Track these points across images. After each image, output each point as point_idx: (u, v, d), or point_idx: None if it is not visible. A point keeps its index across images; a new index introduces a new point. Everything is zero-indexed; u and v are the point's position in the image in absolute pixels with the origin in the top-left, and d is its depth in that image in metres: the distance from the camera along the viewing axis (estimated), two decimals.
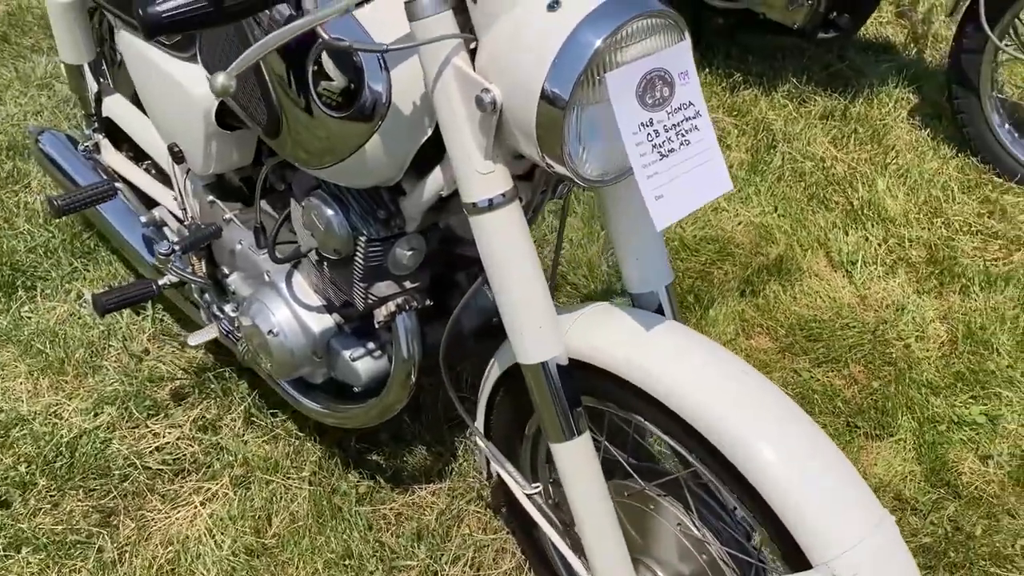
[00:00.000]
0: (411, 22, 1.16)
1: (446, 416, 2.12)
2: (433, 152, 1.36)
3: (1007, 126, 2.91)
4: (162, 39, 1.74)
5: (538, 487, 1.57)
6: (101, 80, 2.20)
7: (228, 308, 1.94)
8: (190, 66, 1.73)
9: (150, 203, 2.22)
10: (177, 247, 1.81)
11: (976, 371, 2.29)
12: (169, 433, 2.11)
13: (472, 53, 1.17)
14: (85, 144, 2.31)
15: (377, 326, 1.63)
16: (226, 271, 1.91)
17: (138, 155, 2.30)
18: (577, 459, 1.33)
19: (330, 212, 1.52)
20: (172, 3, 1.06)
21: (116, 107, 2.19)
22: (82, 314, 2.39)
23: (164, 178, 2.18)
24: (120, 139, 2.30)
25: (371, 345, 1.73)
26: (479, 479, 2.01)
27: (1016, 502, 2.00)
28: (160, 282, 1.95)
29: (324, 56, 1.32)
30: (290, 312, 1.74)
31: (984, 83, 2.85)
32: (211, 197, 1.91)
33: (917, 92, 3.30)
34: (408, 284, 1.60)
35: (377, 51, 1.21)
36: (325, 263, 1.62)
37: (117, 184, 2.15)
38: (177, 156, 1.85)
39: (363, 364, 1.72)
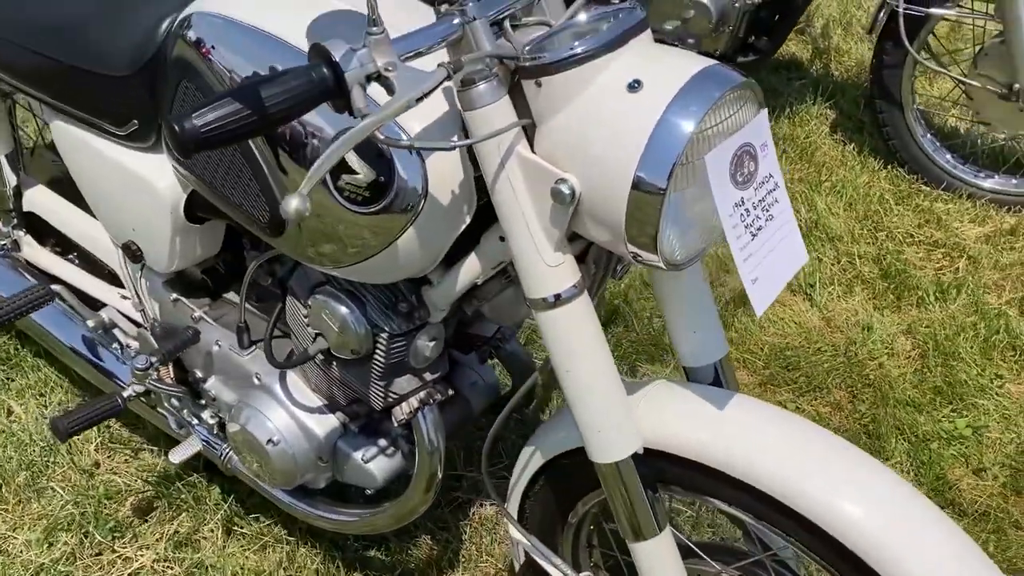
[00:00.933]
0: (465, 111, 1.06)
1: (446, 499, 1.99)
2: (462, 238, 1.26)
3: (929, 136, 3.00)
4: (114, 129, 1.56)
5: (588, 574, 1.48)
6: (20, 172, 1.98)
7: (206, 415, 1.76)
8: (149, 156, 1.56)
9: (89, 301, 2.01)
10: (154, 359, 1.63)
11: (951, 383, 2.33)
12: (141, 555, 1.90)
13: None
14: (2, 244, 2.07)
15: (396, 424, 1.50)
16: (200, 375, 1.74)
17: (65, 249, 2.08)
18: (662, 556, 1.25)
19: (344, 310, 1.38)
20: (212, 116, 0.92)
21: (42, 200, 1.97)
22: (15, 431, 2.14)
23: (104, 273, 1.98)
24: (44, 234, 2.08)
25: (382, 442, 1.59)
26: (493, 563, 1.90)
27: (1020, 513, 2.03)
28: (125, 394, 1.75)
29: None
30: (289, 416, 1.59)
31: (905, 96, 2.93)
32: (174, 295, 1.73)
33: (834, 107, 3.37)
34: (428, 376, 1.48)
35: (446, 148, 1.09)
36: (334, 363, 1.48)
37: (54, 287, 1.93)
38: (134, 255, 1.67)
39: (377, 464, 1.58)
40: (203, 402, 1.77)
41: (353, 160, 1.19)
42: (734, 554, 1.40)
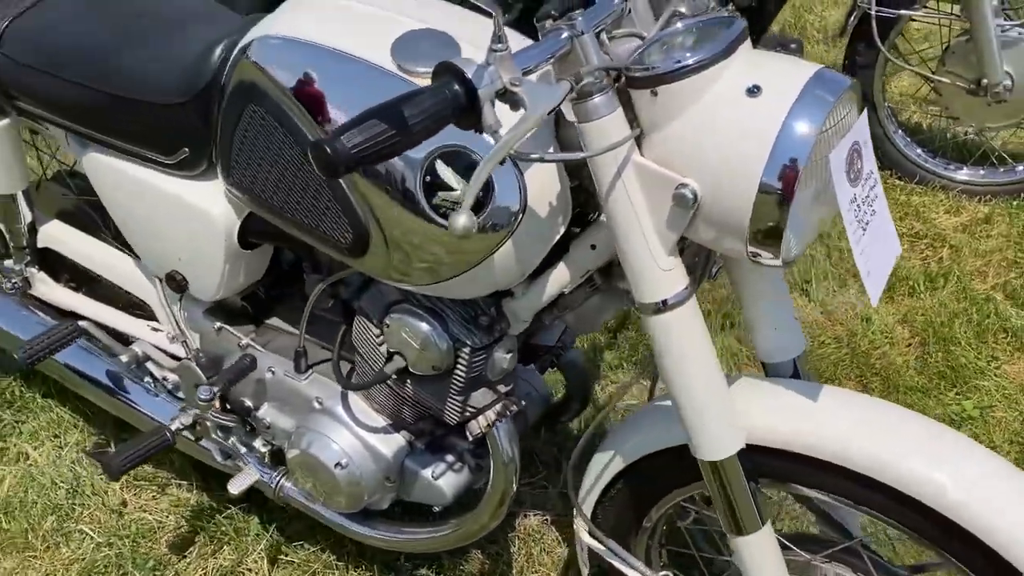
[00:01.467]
0: (581, 123, 1.07)
1: None
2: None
3: (900, 132, 3.11)
4: (161, 157, 1.54)
5: (668, 574, 1.50)
6: (34, 208, 1.92)
7: (257, 444, 1.73)
8: (199, 184, 1.54)
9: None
10: (216, 388, 1.60)
11: (952, 367, 2.42)
12: None
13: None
14: (13, 282, 2.01)
15: (471, 438, 1.51)
16: (250, 403, 1.71)
17: (79, 285, 2.03)
18: (765, 549, 1.28)
19: (426, 327, 1.38)
20: (361, 137, 0.92)
21: (59, 235, 1.92)
22: (34, 475, 2.07)
23: (128, 307, 1.93)
24: (57, 271, 2.02)
25: (450, 458, 1.60)
26: (544, 572, 1.91)
27: None
28: (173, 427, 1.72)
29: (439, 164, 1.20)
30: (355, 438, 1.58)
31: (877, 95, 3.03)
32: (218, 323, 1.71)
33: None
34: (501, 388, 1.49)
35: (576, 160, 1.10)
36: (408, 381, 1.48)
37: (81, 323, 1.88)
38: (178, 284, 1.64)
39: (446, 481, 1.58)
40: (253, 431, 1.74)
41: (450, 177, 1.20)
42: (817, 542, 1.43)
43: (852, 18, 2.91)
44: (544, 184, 1.20)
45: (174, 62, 1.49)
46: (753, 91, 1.02)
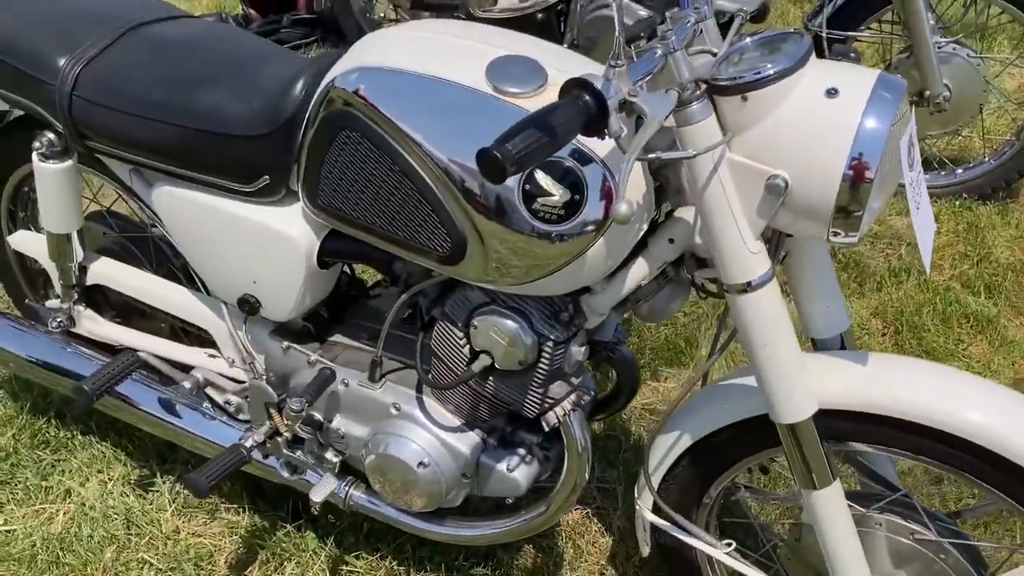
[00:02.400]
0: (680, 128, 1.23)
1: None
2: None
3: None
4: (241, 186, 1.64)
5: (731, 543, 1.65)
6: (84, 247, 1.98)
7: (329, 455, 1.82)
8: (278, 209, 1.65)
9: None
10: (305, 400, 1.69)
11: (927, 351, 2.65)
12: None
13: None
14: (58, 321, 2.06)
15: (546, 428, 1.64)
16: (320, 416, 1.80)
17: (124, 320, 2.10)
18: (834, 503, 1.44)
19: (513, 325, 1.51)
20: (523, 143, 1.06)
21: (110, 271, 1.98)
22: (85, 510, 2.10)
23: (178, 336, 2.01)
24: (102, 307, 2.08)
25: (521, 451, 1.71)
26: (594, 561, 2.03)
27: None
28: (247, 444, 1.80)
29: (539, 173, 1.34)
30: (434, 439, 1.69)
31: None
32: (285, 343, 1.80)
33: None
34: (574, 380, 1.62)
35: (688, 157, 1.24)
36: (491, 378, 1.60)
37: (140, 352, 1.94)
38: (252, 307, 1.74)
39: (521, 473, 1.70)
40: (322, 443, 1.83)
41: (546, 181, 1.34)
42: (866, 497, 1.60)
43: None
44: (631, 185, 1.35)
45: (253, 97, 1.60)
46: (831, 93, 1.20)
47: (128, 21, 1.76)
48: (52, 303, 2.08)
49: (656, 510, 1.67)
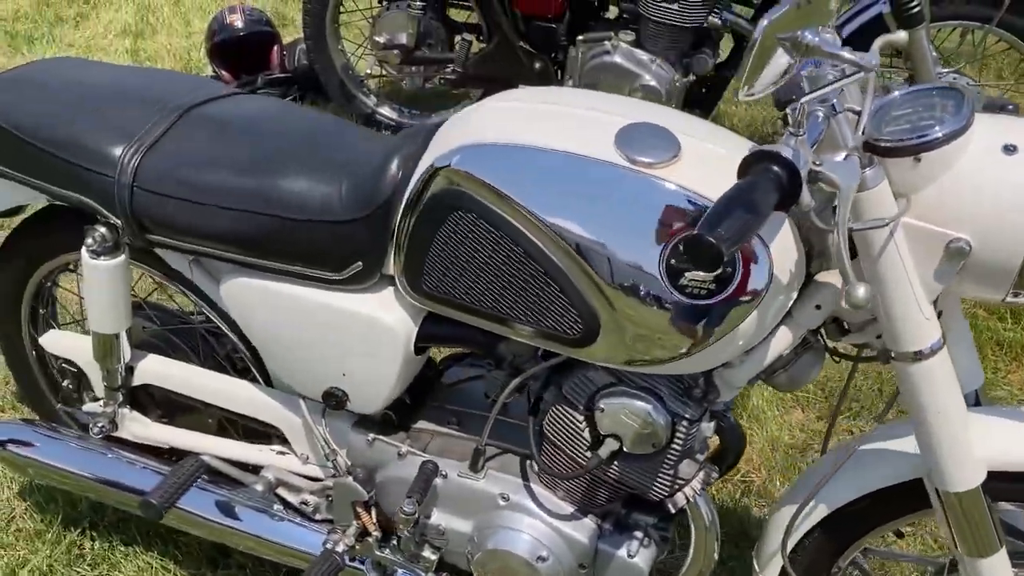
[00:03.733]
0: (858, 192, 1.16)
1: None
2: None
3: None
4: (329, 274, 1.52)
5: None
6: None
7: (426, 553, 1.70)
8: (370, 296, 1.54)
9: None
10: (415, 500, 1.56)
11: None
12: None
13: None
14: (100, 426, 1.89)
15: (673, 510, 1.55)
16: (409, 511, 1.67)
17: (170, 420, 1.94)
18: (1001, 571, 1.38)
19: (646, 406, 1.42)
20: (735, 225, 0.99)
21: (162, 369, 1.83)
22: None
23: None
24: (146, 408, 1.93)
25: (638, 534, 1.61)
26: None
27: None
28: (339, 549, 1.66)
29: (684, 245, 1.26)
30: (550, 529, 1.58)
31: None
32: (371, 435, 1.68)
33: None
34: (699, 457, 1.54)
35: (880, 226, 1.17)
36: (615, 462, 1.50)
37: (203, 456, 1.79)
38: (339, 400, 1.61)
39: (643, 557, 1.60)
40: (420, 540, 1.71)
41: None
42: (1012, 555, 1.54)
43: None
44: (785, 253, 1.28)
45: (339, 179, 1.49)
46: (1010, 149, 1.15)
47: (179, 104, 1.63)
48: (91, 407, 1.92)
49: None
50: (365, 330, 1.53)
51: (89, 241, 1.63)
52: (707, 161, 1.31)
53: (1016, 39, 3.09)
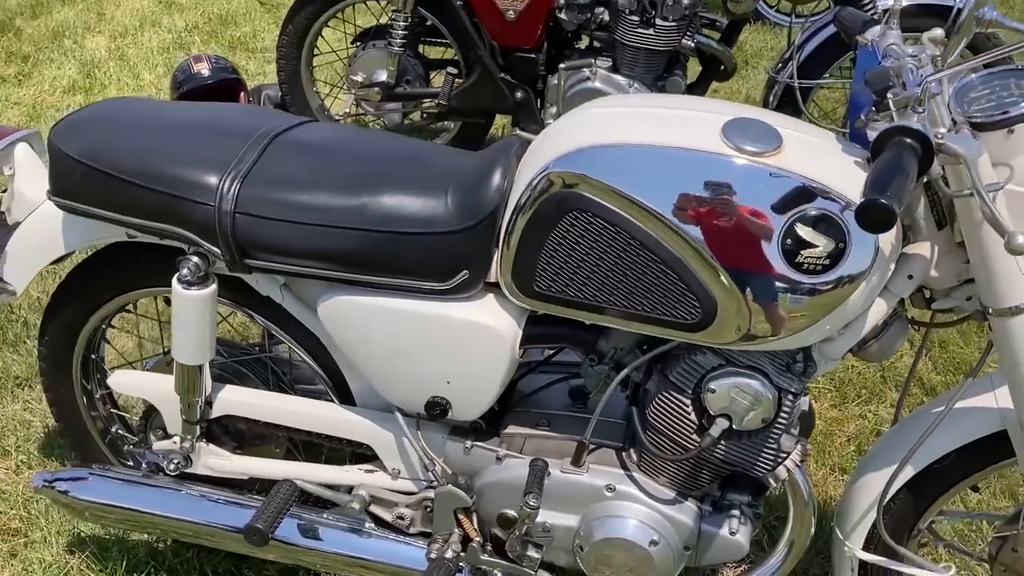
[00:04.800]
0: (952, 166, 1.29)
1: None
2: None
3: None
4: (434, 284, 1.57)
5: (950, 566, 1.69)
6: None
7: (531, 552, 1.74)
8: (477, 303, 1.60)
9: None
10: (535, 495, 1.61)
11: (958, 365, 2.82)
12: None
13: None
14: (176, 463, 1.88)
15: (773, 485, 1.64)
16: (514, 513, 1.72)
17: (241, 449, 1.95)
18: None
19: (755, 383, 1.52)
20: (898, 190, 1.09)
21: (245, 399, 1.84)
22: None
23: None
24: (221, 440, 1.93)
25: (735, 512, 1.70)
26: None
27: None
28: (447, 556, 1.69)
29: (799, 227, 1.37)
30: (657, 514, 1.66)
31: None
32: (468, 442, 1.73)
33: None
34: (795, 431, 1.63)
35: (996, 190, 1.29)
36: (722, 442, 1.58)
37: (296, 480, 1.80)
38: (442, 410, 1.66)
39: (743, 533, 1.68)
40: (524, 542, 1.75)
41: (807, 233, 1.37)
42: None
43: (776, 88, 3.35)
44: None
45: (443, 192, 1.55)
46: None
47: (264, 132, 1.67)
48: (162, 444, 1.90)
49: (868, 546, 1.70)
50: (473, 336, 1.59)
51: (184, 272, 1.64)
52: (807, 148, 1.43)
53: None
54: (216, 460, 1.89)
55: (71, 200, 1.68)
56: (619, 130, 1.46)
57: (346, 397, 1.83)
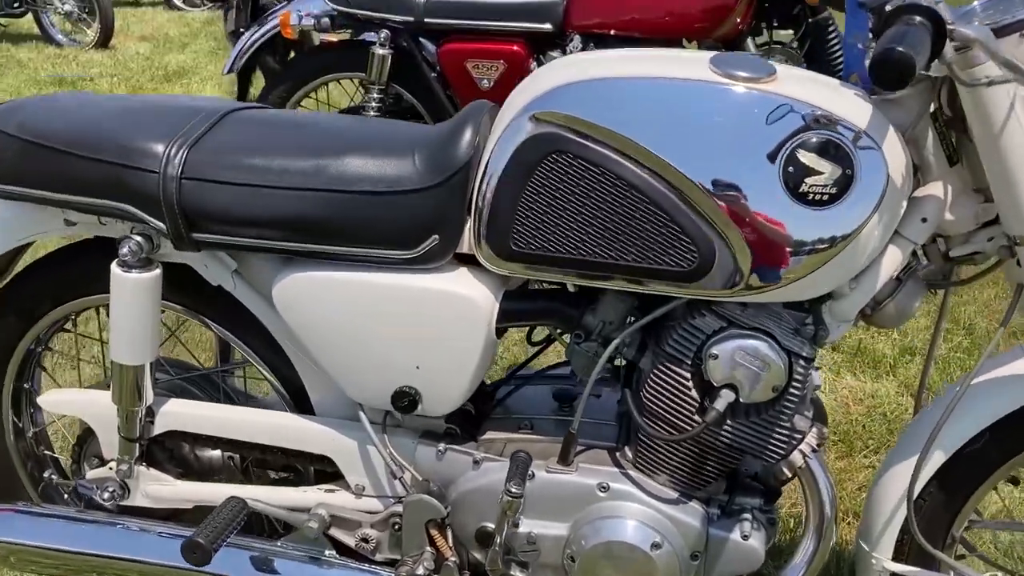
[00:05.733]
0: (967, 69, 1.18)
1: None
2: None
3: None
4: (401, 253, 1.42)
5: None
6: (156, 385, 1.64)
7: (515, 571, 1.52)
8: (447, 275, 1.44)
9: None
10: (516, 484, 1.40)
11: None
12: None
13: None
14: (111, 491, 1.66)
15: (788, 477, 1.45)
16: (490, 525, 1.51)
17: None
18: None
19: (761, 345, 1.35)
20: (913, 43, 0.98)
21: (191, 411, 1.64)
22: None
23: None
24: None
25: (747, 516, 1.49)
26: None
27: None
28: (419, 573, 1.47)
29: (801, 153, 1.25)
30: (658, 514, 1.46)
31: None
32: (442, 445, 1.54)
33: None
34: (808, 413, 1.46)
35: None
36: (727, 422, 1.40)
37: (246, 499, 1.58)
38: (411, 402, 1.48)
39: (757, 539, 1.48)
40: (506, 557, 1.52)
41: (810, 159, 1.25)
42: None
43: None
44: (897, 159, 1.27)
45: (411, 151, 1.42)
46: None
47: (216, 109, 1.55)
48: (97, 472, 1.68)
49: (899, 556, 1.50)
50: (444, 309, 1.42)
51: (124, 251, 1.48)
52: (803, 81, 1.32)
53: None
54: (157, 487, 1.67)
55: (4, 183, 1.53)
56: (600, 68, 1.36)
57: (305, 409, 1.64)
